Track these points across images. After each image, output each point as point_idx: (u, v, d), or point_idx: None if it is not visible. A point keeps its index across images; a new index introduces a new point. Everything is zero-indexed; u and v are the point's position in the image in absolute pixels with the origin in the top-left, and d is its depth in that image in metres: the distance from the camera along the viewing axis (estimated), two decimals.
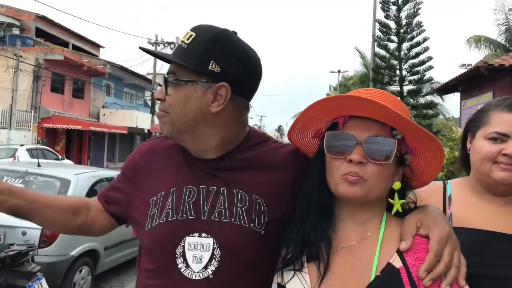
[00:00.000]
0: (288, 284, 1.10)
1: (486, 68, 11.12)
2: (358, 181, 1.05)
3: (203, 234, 1.20)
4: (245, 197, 1.22)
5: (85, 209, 1.40)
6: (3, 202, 1.27)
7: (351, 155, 1.06)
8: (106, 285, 6.24)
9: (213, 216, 1.21)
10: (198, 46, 1.19)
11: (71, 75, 24.68)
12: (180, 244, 1.20)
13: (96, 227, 1.43)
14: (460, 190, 1.47)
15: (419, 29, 16.26)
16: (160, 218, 1.24)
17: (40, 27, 27.41)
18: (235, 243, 1.19)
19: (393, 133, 1.09)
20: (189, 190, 1.24)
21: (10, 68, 21.13)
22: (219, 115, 1.22)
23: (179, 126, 1.22)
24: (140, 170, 1.35)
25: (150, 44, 32.43)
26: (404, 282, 0.99)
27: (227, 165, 1.26)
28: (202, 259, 1.18)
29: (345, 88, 33.21)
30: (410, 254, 1.02)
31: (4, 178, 5.36)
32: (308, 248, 1.10)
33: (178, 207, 1.23)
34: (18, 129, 21.44)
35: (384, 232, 1.08)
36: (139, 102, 35.27)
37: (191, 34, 1.21)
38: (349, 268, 1.06)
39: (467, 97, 13.80)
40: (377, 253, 1.04)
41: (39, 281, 3.80)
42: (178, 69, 1.21)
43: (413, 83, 16.57)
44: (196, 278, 1.17)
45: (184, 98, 1.21)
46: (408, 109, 1.19)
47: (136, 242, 7.04)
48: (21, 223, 4.81)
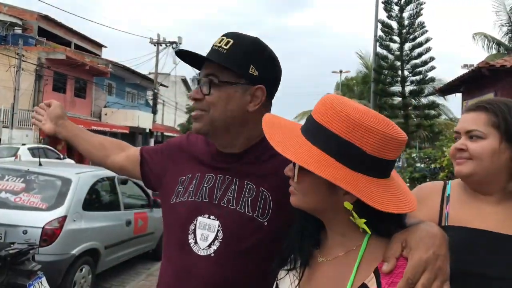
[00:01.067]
0: (280, 281, 1.13)
1: (487, 69, 11.09)
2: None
3: (212, 216, 1.35)
4: (253, 189, 1.36)
5: (116, 149, 1.70)
6: (59, 132, 1.78)
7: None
8: (107, 284, 6.25)
9: (222, 202, 1.35)
10: (239, 51, 1.34)
11: (73, 75, 24.72)
12: (193, 222, 1.36)
13: (116, 165, 1.69)
14: (458, 190, 1.48)
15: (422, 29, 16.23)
16: (183, 197, 1.42)
17: (42, 27, 27.47)
18: (236, 229, 1.32)
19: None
20: (209, 177, 1.41)
21: (12, 67, 21.18)
22: (252, 115, 1.37)
23: (217, 124, 1.36)
24: (180, 152, 1.54)
25: (152, 43, 32.47)
26: None
27: (244, 159, 1.41)
28: (207, 238, 1.33)
29: (347, 88, 33.19)
30: (386, 278, 0.96)
31: (6, 177, 5.38)
32: (299, 252, 1.10)
33: (198, 190, 1.40)
34: (20, 128, 21.48)
35: (365, 250, 1.02)
36: (141, 101, 35.30)
37: (229, 41, 1.35)
38: (329, 282, 1.03)
39: (468, 97, 13.78)
40: (354, 271, 0.99)
41: (39, 280, 3.81)
42: (219, 71, 1.34)
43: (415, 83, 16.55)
44: (201, 254, 1.33)
45: (226, 98, 1.35)
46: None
47: (135, 242, 7.10)
48: (22, 222, 4.84)
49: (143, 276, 6.53)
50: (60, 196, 5.18)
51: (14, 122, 20.99)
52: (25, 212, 4.95)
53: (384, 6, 16.85)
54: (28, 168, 5.62)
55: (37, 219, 4.86)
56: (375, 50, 16.90)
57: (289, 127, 1.09)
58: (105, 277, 6.29)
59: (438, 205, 1.45)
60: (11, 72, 21.26)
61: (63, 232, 4.90)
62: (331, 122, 0.96)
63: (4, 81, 21.55)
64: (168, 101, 37.46)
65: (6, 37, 24.44)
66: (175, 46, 32.42)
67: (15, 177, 5.37)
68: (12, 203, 5.07)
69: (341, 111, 0.95)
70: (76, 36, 31.19)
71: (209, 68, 1.36)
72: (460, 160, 1.39)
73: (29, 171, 5.50)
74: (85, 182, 5.58)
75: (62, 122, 1.79)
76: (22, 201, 5.09)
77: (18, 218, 4.87)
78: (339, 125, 0.95)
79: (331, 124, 0.96)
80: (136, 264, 7.28)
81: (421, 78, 16.31)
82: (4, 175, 5.43)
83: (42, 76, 22.75)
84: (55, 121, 1.78)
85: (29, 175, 5.43)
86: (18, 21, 26.04)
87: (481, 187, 1.40)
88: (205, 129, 1.38)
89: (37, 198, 5.13)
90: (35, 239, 4.50)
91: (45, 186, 5.43)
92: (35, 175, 5.47)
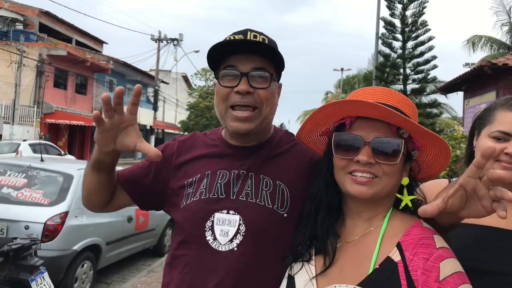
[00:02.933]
0: (296, 275, 1.15)
1: (489, 67, 11.06)
2: (369, 182, 1.08)
3: (231, 211, 1.34)
4: (270, 183, 1.36)
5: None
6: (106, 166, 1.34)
7: (359, 155, 1.08)
8: (108, 280, 6.26)
9: (241, 196, 1.35)
10: (276, 48, 1.37)
11: (74, 71, 24.71)
12: (210, 219, 1.34)
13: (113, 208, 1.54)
14: None
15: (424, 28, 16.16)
16: (194, 197, 1.38)
17: (43, 23, 27.43)
18: (259, 221, 1.32)
19: (399, 132, 1.10)
20: (222, 174, 1.39)
21: (13, 63, 21.16)
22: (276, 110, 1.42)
23: (265, 121, 1.39)
24: (177, 158, 1.47)
25: (153, 40, 32.44)
26: (400, 275, 1.00)
27: (258, 154, 1.41)
28: (228, 233, 1.32)
29: (348, 86, 33.12)
30: (409, 249, 1.03)
31: (8, 172, 5.38)
32: (316, 242, 1.15)
33: (211, 187, 1.37)
34: (21, 124, 21.49)
35: (386, 227, 1.09)
36: (141, 98, 35.17)
37: (264, 37, 1.37)
38: (351, 261, 1.09)
39: (470, 96, 13.76)
40: (377, 247, 1.06)
41: (41, 275, 3.82)
42: (267, 66, 1.37)
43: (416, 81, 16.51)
44: (222, 249, 1.31)
45: (274, 93, 1.39)
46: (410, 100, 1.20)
47: (136, 239, 7.07)
48: (24, 217, 4.84)
49: (144, 272, 6.53)
50: (62, 191, 5.19)
51: (15, 118, 20.99)
52: (27, 208, 4.95)
53: (387, 4, 16.78)
54: (30, 163, 5.62)
55: (39, 215, 4.86)
56: (376, 48, 16.86)
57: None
58: (106, 273, 6.30)
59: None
60: (12, 68, 21.25)
61: (65, 227, 4.91)
62: (406, 108, 1.14)
63: (5, 77, 21.54)
64: (169, 98, 37.42)
65: (7, 33, 24.42)
66: (176, 43, 32.38)
67: (17, 172, 5.37)
68: (14, 199, 5.08)
69: (409, 100, 1.19)
70: (77, 33, 31.15)
71: (257, 62, 1.34)
72: (507, 165, 1.34)
73: (31, 167, 5.50)
74: None
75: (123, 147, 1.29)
76: (24, 196, 5.10)
77: (20, 213, 4.88)
78: (407, 108, 1.15)
79: (406, 109, 1.14)
80: (137, 261, 7.28)
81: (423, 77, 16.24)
82: (6, 170, 5.43)
83: (43, 72, 22.73)
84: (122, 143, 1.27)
85: (31, 171, 5.43)
86: (19, 17, 26.01)
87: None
88: (255, 129, 1.37)
89: (39, 193, 5.13)
90: (37, 235, 4.50)
91: (47, 181, 5.43)
92: (37, 170, 5.47)
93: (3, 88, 21.86)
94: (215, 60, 1.38)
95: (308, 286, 1.10)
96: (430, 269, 0.99)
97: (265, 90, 1.33)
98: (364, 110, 1.10)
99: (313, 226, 1.17)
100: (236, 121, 1.35)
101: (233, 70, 1.34)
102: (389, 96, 1.14)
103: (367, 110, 1.09)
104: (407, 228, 1.09)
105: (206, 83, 44.55)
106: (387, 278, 1.01)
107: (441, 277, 0.97)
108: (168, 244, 7.93)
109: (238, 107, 1.34)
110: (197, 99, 38.52)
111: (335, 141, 1.14)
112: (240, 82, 1.32)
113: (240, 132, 1.36)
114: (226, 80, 1.36)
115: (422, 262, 1.00)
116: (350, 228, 1.15)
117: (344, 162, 1.12)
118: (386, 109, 1.05)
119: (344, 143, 1.12)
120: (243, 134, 1.38)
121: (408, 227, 1.09)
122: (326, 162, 1.19)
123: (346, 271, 1.08)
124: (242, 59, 1.33)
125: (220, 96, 1.37)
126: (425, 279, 0.98)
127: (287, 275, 1.17)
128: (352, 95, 1.20)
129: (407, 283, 0.99)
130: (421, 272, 0.99)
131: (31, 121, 22.32)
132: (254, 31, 1.37)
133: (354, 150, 1.09)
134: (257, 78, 1.33)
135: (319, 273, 1.11)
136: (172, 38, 32.67)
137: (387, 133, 1.09)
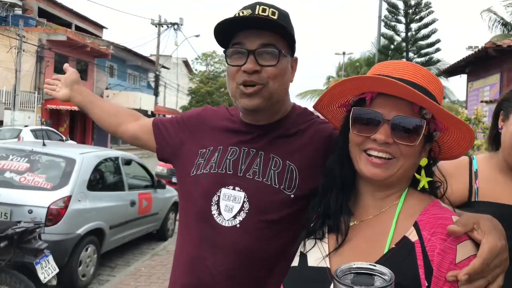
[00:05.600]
0: (308, 252, 1.12)
1: (494, 49, 10.94)
2: (384, 164, 1.03)
3: (237, 188, 1.34)
4: (279, 162, 1.34)
5: (129, 117, 1.68)
6: (74, 97, 1.74)
7: (376, 134, 1.03)
8: (112, 263, 6.30)
9: (248, 174, 1.34)
10: (287, 22, 1.32)
11: (74, 56, 24.57)
12: (217, 193, 1.35)
13: (129, 133, 1.66)
14: (487, 166, 1.46)
15: (428, 9, 15.99)
16: (205, 169, 1.39)
17: (42, 7, 27.19)
18: (263, 200, 1.31)
19: (422, 113, 1.04)
20: (232, 150, 1.39)
21: (13, 48, 21.03)
22: (288, 86, 1.39)
23: (274, 98, 1.32)
24: (199, 124, 1.51)
25: (153, 25, 32.16)
26: (417, 255, 0.97)
27: (271, 132, 1.39)
28: (232, 209, 1.32)
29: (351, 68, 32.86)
30: (427, 228, 0.99)
31: (10, 156, 5.37)
32: (329, 220, 1.12)
33: (221, 163, 1.38)
34: (22, 110, 21.46)
35: (402, 206, 1.06)
36: (142, 83, 35.15)
37: (273, 11, 1.31)
38: (365, 240, 1.06)
39: (474, 79, 13.65)
40: (393, 226, 1.02)
41: (46, 258, 3.83)
42: (277, 42, 1.30)
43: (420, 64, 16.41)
44: (225, 225, 1.31)
45: (285, 69, 1.34)
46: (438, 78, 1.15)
47: (140, 223, 7.13)
48: (27, 201, 4.84)
49: (147, 256, 6.57)
50: (64, 176, 5.18)
51: (16, 104, 20.95)
52: (30, 192, 4.95)
53: None
54: (32, 148, 5.60)
55: (42, 199, 4.86)
56: (379, 31, 16.70)
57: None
58: (110, 256, 6.34)
59: (467, 180, 1.43)
60: (12, 53, 21.13)
61: (68, 211, 4.91)
62: (432, 86, 1.09)
63: (5, 63, 21.43)
64: (169, 83, 37.29)
65: (6, 18, 24.21)
66: (177, 28, 32.12)
67: (19, 157, 5.36)
68: (16, 183, 5.07)
69: (436, 78, 1.12)
70: (77, 17, 30.89)
71: (265, 38, 1.29)
72: None
73: (33, 151, 5.48)
74: (89, 162, 5.56)
75: (77, 87, 1.75)
76: (26, 181, 5.09)
77: (23, 197, 4.88)
78: (433, 86, 1.10)
79: (432, 88, 1.09)
80: (141, 244, 7.33)
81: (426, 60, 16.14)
82: (8, 155, 5.41)
83: (43, 58, 22.62)
84: (70, 86, 1.74)
85: (33, 155, 5.42)
86: (18, 1, 25.75)
87: None
88: (263, 105, 1.32)
89: (41, 178, 5.12)
90: (40, 219, 4.51)
91: (49, 166, 5.42)
92: (39, 155, 5.46)
93: (3, 74, 21.76)
94: (224, 38, 1.34)
95: (321, 264, 1.08)
96: (447, 251, 0.95)
97: (273, 67, 1.29)
98: (385, 86, 1.04)
99: (326, 203, 1.14)
100: (244, 97, 1.31)
101: (240, 48, 1.30)
102: (414, 72, 1.08)
103: (388, 87, 1.04)
104: (425, 207, 1.05)
105: (207, 68, 44.31)
106: (403, 258, 0.97)
107: (457, 260, 0.94)
108: (171, 228, 7.97)
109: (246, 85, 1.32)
110: (198, 84, 38.38)
111: (353, 116, 1.09)
112: (247, 61, 1.28)
113: (248, 108, 1.33)
114: (234, 58, 1.32)
115: (439, 242, 0.96)
116: (365, 206, 1.11)
117: (361, 138, 1.07)
118: (407, 88, 0.99)
119: (362, 119, 1.07)
120: (252, 111, 1.34)
121: (425, 206, 1.05)
122: (342, 137, 1.15)
123: (360, 250, 1.04)
124: (250, 36, 1.29)
125: (229, 75, 1.35)
126: (441, 260, 0.95)
127: (299, 253, 1.15)
128: (374, 68, 1.15)
129: (424, 263, 0.96)
130: (437, 253, 0.95)
131: (32, 107, 22.28)
132: (264, 4, 1.32)
133: (372, 128, 1.04)
134: (265, 55, 1.28)
135: (332, 251, 1.08)
136: (172, 22, 32.38)
137: (408, 112, 1.04)
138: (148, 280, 5.42)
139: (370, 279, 0.86)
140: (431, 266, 0.95)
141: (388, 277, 0.85)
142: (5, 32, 21.15)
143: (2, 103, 20.60)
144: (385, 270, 0.87)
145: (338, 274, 0.87)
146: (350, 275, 0.87)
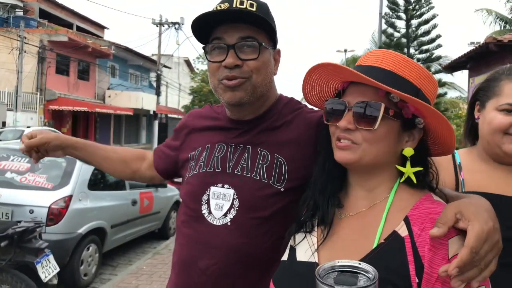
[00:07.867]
0: (297, 246, 1.11)
1: (495, 44, 10.88)
2: (348, 147, 1.04)
3: (226, 185, 1.32)
4: (267, 156, 1.32)
5: (138, 161, 1.67)
6: (71, 154, 1.62)
7: (340, 121, 1.04)
8: (114, 262, 6.32)
9: (236, 170, 1.33)
10: (267, 13, 1.30)
11: (76, 57, 24.62)
12: (206, 192, 1.34)
13: (147, 176, 1.67)
14: (469, 158, 1.47)
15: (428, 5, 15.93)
16: (195, 170, 1.40)
17: (43, 8, 27.22)
18: (252, 196, 1.29)
19: (389, 97, 1.03)
20: (220, 147, 1.38)
21: (14, 49, 21.08)
22: (273, 79, 1.37)
23: (258, 91, 1.30)
24: (186, 129, 1.52)
25: (154, 24, 32.16)
26: (407, 251, 0.95)
27: (257, 126, 1.37)
28: (222, 207, 1.31)
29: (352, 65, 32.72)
30: (417, 223, 0.97)
31: (11, 157, 5.39)
32: (318, 211, 1.11)
33: (209, 161, 1.37)
34: (24, 111, 21.51)
35: (393, 200, 1.04)
36: (144, 83, 35.17)
37: (251, 3, 1.28)
38: (355, 234, 1.04)
39: (475, 74, 13.59)
40: (383, 220, 1.01)
41: (47, 257, 3.85)
42: (257, 34, 1.27)
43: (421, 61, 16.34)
44: (216, 224, 1.30)
45: (268, 62, 1.32)
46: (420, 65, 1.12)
47: (141, 222, 7.14)
48: (28, 201, 4.86)
49: (149, 254, 6.59)
50: (65, 176, 5.20)
51: (18, 105, 21.00)
52: (31, 192, 4.97)
53: None
54: None
55: (43, 199, 4.89)
56: (380, 27, 16.65)
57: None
58: (112, 255, 6.36)
59: (453, 172, 1.44)
60: (14, 54, 21.18)
61: (69, 211, 4.93)
62: (405, 71, 1.06)
63: (7, 64, 21.49)
64: (171, 83, 37.31)
65: (7, 19, 24.27)
66: (178, 27, 32.11)
67: (20, 157, 5.38)
68: (17, 183, 5.09)
69: (413, 63, 1.08)
70: (78, 18, 30.92)
71: (244, 31, 1.26)
72: None
73: None
74: None
75: (66, 148, 1.62)
76: (27, 181, 5.11)
77: (24, 197, 4.90)
78: (412, 74, 1.06)
79: (404, 72, 1.05)
80: (143, 243, 7.35)
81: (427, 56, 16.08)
82: (9, 155, 5.44)
83: (45, 59, 22.65)
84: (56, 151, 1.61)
85: None
86: (19, 3, 25.79)
87: None
88: (247, 98, 1.30)
89: (42, 178, 5.14)
90: (41, 218, 4.53)
91: (50, 166, 5.43)
92: None
93: (5, 75, 21.82)
94: (202, 33, 1.31)
95: (310, 259, 1.06)
96: (438, 246, 0.93)
97: (254, 61, 1.26)
98: (346, 74, 1.06)
99: (315, 195, 1.13)
100: (228, 91, 1.29)
101: (219, 43, 1.27)
102: (385, 58, 1.07)
103: (347, 75, 1.06)
104: (417, 201, 1.03)
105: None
106: (393, 254, 0.95)
107: (450, 255, 0.91)
108: (173, 226, 7.99)
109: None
110: (200, 84, 38.36)
111: (326, 107, 1.11)
112: (228, 56, 1.25)
113: (232, 102, 1.30)
114: (214, 54, 1.30)
115: (430, 237, 0.94)
116: (354, 199, 1.10)
117: (333, 128, 1.09)
118: (355, 74, 1.01)
119: (332, 109, 1.09)
120: (236, 105, 1.32)
121: (417, 200, 1.03)
122: (325, 128, 1.15)
123: (349, 245, 1.03)
124: (229, 30, 1.26)
125: (211, 71, 1.32)
126: (432, 256, 0.92)
127: (289, 246, 1.14)
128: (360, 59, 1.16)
129: (414, 259, 0.93)
130: (428, 248, 0.93)
131: (34, 108, 22.33)
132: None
133: (339, 116, 1.06)
134: (245, 49, 1.26)
135: (320, 244, 1.07)
136: (173, 21, 32.35)
137: (374, 98, 1.03)
138: (149, 278, 5.44)
139: (353, 278, 0.83)
140: (422, 262, 0.93)
141: (372, 275, 0.83)
142: (7, 33, 21.20)
143: (4, 104, 20.65)
144: (369, 268, 0.84)
145: (320, 273, 0.84)
146: (334, 273, 0.85)
